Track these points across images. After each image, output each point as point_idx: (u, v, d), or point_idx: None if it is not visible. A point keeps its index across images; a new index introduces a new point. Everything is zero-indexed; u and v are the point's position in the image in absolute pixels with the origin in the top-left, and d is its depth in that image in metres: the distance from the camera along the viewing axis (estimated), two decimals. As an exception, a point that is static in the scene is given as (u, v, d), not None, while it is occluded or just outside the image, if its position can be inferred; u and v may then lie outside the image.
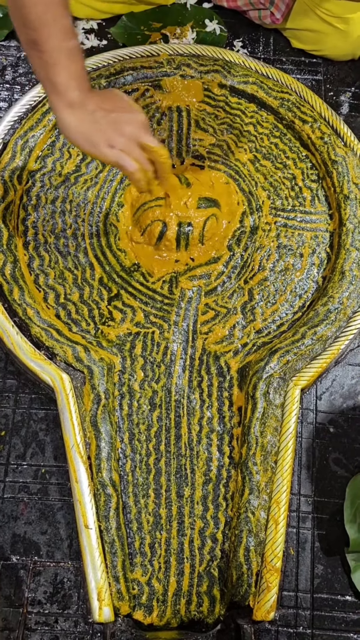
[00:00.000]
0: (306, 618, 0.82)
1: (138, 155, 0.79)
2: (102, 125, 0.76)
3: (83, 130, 0.76)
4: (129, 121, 0.78)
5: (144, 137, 0.79)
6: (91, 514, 0.79)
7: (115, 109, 0.78)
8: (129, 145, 0.78)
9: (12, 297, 0.91)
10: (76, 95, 0.74)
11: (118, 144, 0.77)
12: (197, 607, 0.79)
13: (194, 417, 0.89)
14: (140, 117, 0.79)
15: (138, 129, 0.79)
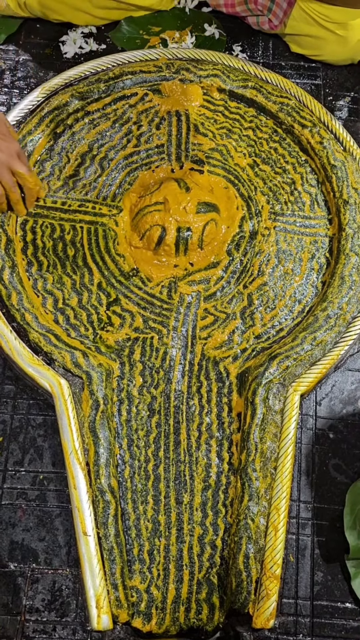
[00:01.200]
0: (306, 625, 0.82)
1: (8, 180, 0.90)
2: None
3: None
4: (4, 150, 0.89)
5: (14, 164, 0.90)
6: (90, 520, 0.79)
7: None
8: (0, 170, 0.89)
9: (10, 302, 0.91)
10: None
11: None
12: (196, 614, 0.79)
13: (193, 423, 0.88)
14: (14, 145, 0.91)
15: (9, 156, 0.89)
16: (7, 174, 0.90)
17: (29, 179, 0.93)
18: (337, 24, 1.10)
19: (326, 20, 1.10)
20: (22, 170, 0.91)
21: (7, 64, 1.17)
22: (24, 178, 0.92)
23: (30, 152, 1.01)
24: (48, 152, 1.05)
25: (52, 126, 1.04)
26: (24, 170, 0.91)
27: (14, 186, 0.92)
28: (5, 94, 1.14)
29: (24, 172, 0.91)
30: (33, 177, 0.94)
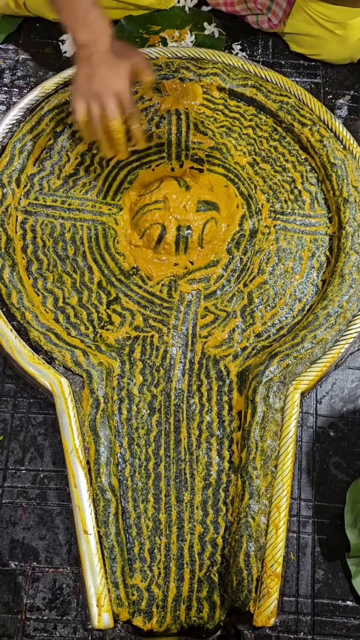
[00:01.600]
0: (307, 623, 0.82)
1: (94, 109, 0.87)
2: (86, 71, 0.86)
3: (77, 68, 0.88)
4: (104, 80, 0.86)
5: (106, 100, 0.86)
6: (90, 519, 0.79)
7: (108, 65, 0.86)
8: (90, 97, 0.86)
9: (10, 301, 0.91)
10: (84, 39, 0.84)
11: (83, 91, 0.87)
12: (197, 612, 0.79)
13: (193, 422, 0.88)
14: (118, 85, 0.86)
15: (104, 90, 0.86)
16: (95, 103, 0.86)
17: (111, 123, 0.87)
18: (336, 24, 1.10)
19: (325, 20, 1.10)
20: (107, 109, 0.86)
21: (6, 63, 1.17)
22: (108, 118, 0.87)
23: (30, 151, 1.01)
24: (48, 151, 1.05)
25: (52, 125, 1.04)
26: (108, 110, 0.87)
27: (95, 117, 0.88)
28: (5, 93, 1.14)
29: (108, 111, 0.87)
30: (116, 121, 0.87)
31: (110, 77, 0.86)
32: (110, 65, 0.86)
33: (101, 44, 0.85)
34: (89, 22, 0.84)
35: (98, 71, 0.86)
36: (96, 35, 0.85)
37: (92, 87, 0.86)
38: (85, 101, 0.87)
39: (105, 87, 0.86)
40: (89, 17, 0.84)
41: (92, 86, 0.86)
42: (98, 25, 0.85)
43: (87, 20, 0.84)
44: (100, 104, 0.87)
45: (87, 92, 0.87)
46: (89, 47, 0.85)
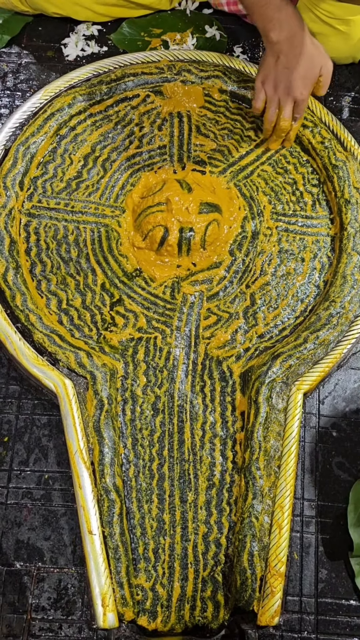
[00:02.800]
0: (310, 623, 0.82)
1: (270, 105, 0.97)
2: (276, 66, 0.92)
3: (264, 59, 0.94)
4: (289, 84, 0.93)
5: (286, 102, 0.95)
6: (95, 519, 0.79)
7: (296, 71, 0.91)
8: (272, 94, 0.96)
9: (14, 303, 0.91)
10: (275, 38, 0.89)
11: (267, 89, 0.96)
12: (202, 612, 0.79)
13: (197, 422, 0.89)
14: (301, 93, 0.94)
15: (287, 93, 0.94)
16: (274, 102, 0.96)
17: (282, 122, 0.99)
18: (339, 20, 1.10)
19: (329, 17, 1.10)
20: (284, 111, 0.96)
21: (9, 67, 1.17)
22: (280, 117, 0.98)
23: (33, 154, 1.02)
24: (51, 154, 1.05)
25: (55, 128, 1.04)
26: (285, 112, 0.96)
27: (271, 114, 0.98)
28: (8, 97, 1.14)
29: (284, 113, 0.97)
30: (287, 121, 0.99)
31: (295, 86, 0.92)
32: (300, 73, 0.91)
33: (293, 43, 0.89)
34: (281, 21, 0.88)
35: (286, 77, 0.92)
36: (289, 34, 0.89)
37: (277, 89, 0.94)
38: (265, 96, 0.97)
39: (288, 94, 0.94)
40: (280, 16, 0.88)
41: (278, 89, 0.94)
42: (290, 23, 0.88)
43: (279, 19, 0.88)
44: (278, 104, 0.96)
45: (270, 91, 0.95)
46: (280, 46, 0.89)
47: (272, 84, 0.94)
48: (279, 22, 0.88)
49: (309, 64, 0.92)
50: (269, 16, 0.88)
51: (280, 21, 0.88)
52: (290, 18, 0.88)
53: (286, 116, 0.97)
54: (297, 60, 0.90)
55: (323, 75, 0.94)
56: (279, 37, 0.89)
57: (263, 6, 0.88)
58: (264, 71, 0.94)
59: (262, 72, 0.95)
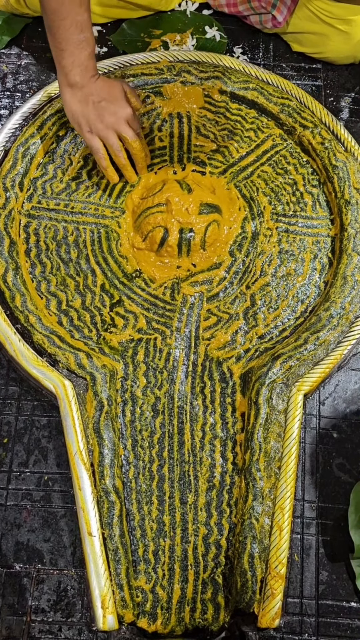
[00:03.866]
0: (311, 625, 0.82)
1: (112, 143, 0.94)
2: (89, 110, 0.91)
3: (74, 109, 0.91)
4: (112, 112, 0.92)
5: (121, 127, 0.93)
6: (94, 521, 0.79)
7: (107, 98, 0.92)
8: (106, 132, 0.93)
9: (14, 304, 0.91)
10: (78, 79, 0.89)
11: (96, 130, 0.92)
12: (202, 614, 0.79)
13: (197, 424, 0.88)
14: (125, 111, 0.93)
15: (117, 120, 0.92)
16: (113, 137, 0.93)
17: (133, 144, 0.95)
18: (340, 20, 1.10)
19: (329, 17, 1.10)
20: (127, 135, 0.94)
21: (9, 68, 1.17)
22: (128, 143, 0.95)
23: (33, 155, 1.02)
24: (51, 155, 1.05)
25: (55, 129, 1.04)
26: (128, 135, 0.94)
27: (120, 150, 0.95)
28: (7, 97, 1.14)
29: (129, 136, 0.94)
30: (137, 142, 0.96)
31: (115, 107, 0.92)
32: (109, 97, 0.92)
33: (96, 85, 0.91)
34: (86, 65, 0.88)
35: (105, 108, 0.91)
36: (92, 78, 0.90)
37: (104, 122, 0.92)
38: (100, 138, 0.93)
39: (116, 118, 0.92)
40: (87, 60, 0.88)
41: (104, 121, 0.91)
42: (93, 69, 0.90)
43: (85, 63, 0.88)
44: (117, 135, 0.94)
45: (100, 129, 0.92)
46: (84, 88, 0.90)
47: (99, 123, 0.92)
48: (84, 63, 0.88)
49: (114, 91, 0.93)
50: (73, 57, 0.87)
51: (84, 63, 0.88)
52: (93, 60, 0.90)
53: (132, 137, 0.95)
54: (105, 93, 0.92)
55: (126, 91, 0.96)
56: (83, 78, 0.89)
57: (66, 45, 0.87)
58: (82, 119, 0.92)
59: (81, 121, 0.92)
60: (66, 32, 0.85)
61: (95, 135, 0.93)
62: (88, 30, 0.87)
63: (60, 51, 0.87)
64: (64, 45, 0.87)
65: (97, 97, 0.91)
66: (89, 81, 0.90)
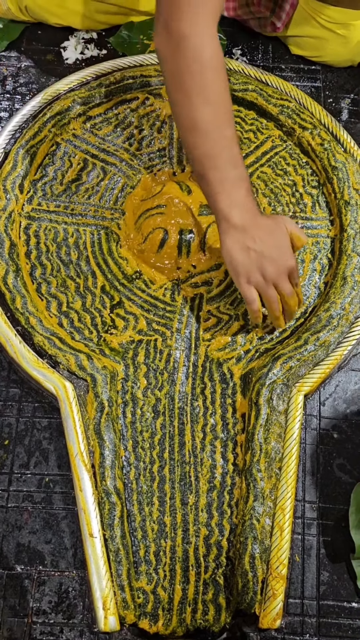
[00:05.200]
0: (312, 625, 0.82)
1: (269, 297, 0.84)
2: (249, 257, 0.80)
3: (234, 256, 0.81)
4: (274, 262, 0.81)
5: (280, 281, 0.83)
6: (95, 522, 0.79)
7: (270, 246, 0.81)
8: (265, 286, 0.83)
9: (14, 306, 0.91)
10: (238, 220, 0.79)
11: (255, 282, 0.82)
12: (203, 615, 0.79)
13: (197, 424, 0.89)
14: (287, 263, 0.82)
15: (278, 272, 0.82)
16: (272, 292, 0.84)
17: (289, 301, 0.86)
18: (338, 24, 1.10)
19: (328, 21, 1.10)
20: (285, 291, 0.84)
21: (9, 71, 1.18)
22: (284, 298, 0.85)
23: (33, 157, 1.02)
24: (51, 157, 1.05)
25: (55, 131, 1.04)
26: (286, 291, 0.84)
27: (276, 303, 0.86)
28: (8, 100, 1.15)
29: (286, 293, 0.84)
30: (294, 299, 0.86)
31: (280, 260, 0.82)
32: (273, 245, 0.81)
33: (257, 227, 0.80)
34: (245, 203, 0.79)
35: (266, 257, 0.81)
36: (252, 218, 0.80)
37: (266, 276, 0.82)
38: (259, 290, 0.84)
39: (279, 272, 0.82)
40: (244, 198, 0.79)
41: (266, 274, 0.82)
42: (253, 207, 0.80)
43: (243, 201, 0.79)
44: (278, 288, 0.84)
45: (261, 281, 0.82)
46: (245, 231, 0.80)
47: (259, 274, 0.82)
48: (242, 202, 0.79)
49: (277, 235, 0.82)
50: (231, 193, 0.78)
51: (242, 201, 0.79)
52: (251, 197, 0.81)
53: (289, 294, 0.85)
54: (267, 238, 0.81)
55: (291, 231, 0.84)
56: (243, 220, 0.79)
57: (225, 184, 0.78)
58: (242, 268, 0.81)
59: (240, 270, 0.82)
60: (220, 172, 0.77)
61: (253, 286, 0.83)
62: (241, 165, 0.80)
63: (215, 194, 0.79)
64: (219, 187, 0.78)
65: (260, 245, 0.80)
66: (250, 223, 0.80)
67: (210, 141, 0.77)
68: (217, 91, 0.76)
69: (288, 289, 0.84)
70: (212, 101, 0.76)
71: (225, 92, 0.78)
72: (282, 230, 0.83)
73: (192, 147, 0.79)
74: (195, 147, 0.78)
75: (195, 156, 0.79)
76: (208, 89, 0.75)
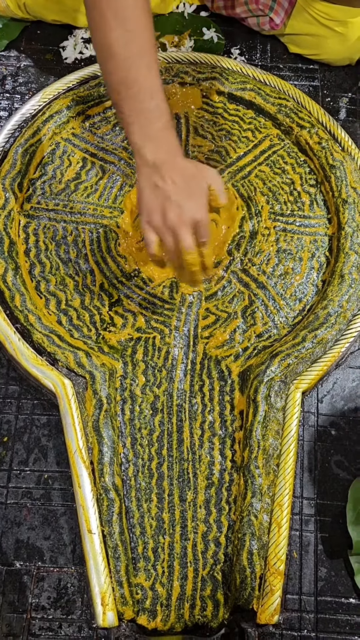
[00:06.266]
0: (310, 621, 0.82)
1: (165, 242, 0.77)
2: (155, 196, 0.75)
3: (141, 192, 0.77)
4: (178, 208, 0.75)
5: (181, 232, 0.75)
6: (94, 518, 0.79)
7: (179, 190, 0.75)
8: (163, 232, 0.76)
9: (13, 304, 0.92)
10: (150, 156, 0.74)
11: (154, 223, 0.76)
12: (201, 611, 0.79)
13: (195, 421, 0.89)
14: (195, 214, 0.75)
15: (180, 221, 0.75)
16: (169, 239, 0.76)
17: (187, 256, 0.77)
18: (337, 22, 1.11)
19: (326, 19, 1.11)
20: (184, 243, 0.75)
21: (8, 70, 1.18)
22: (183, 252, 0.76)
23: (32, 156, 1.02)
24: (50, 156, 1.06)
25: (54, 130, 1.05)
26: (184, 244, 0.75)
27: (171, 252, 0.78)
28: (7, 99, 1.15)
29: (185, 245, 0.75)
30: (193, 255, 0.77)
31: (186, 207, 0.74)
32: (185, 192, 0.75)
33: (173, 163, 0.75)
34: (160, 138, 0.74)
35: (172, 201, 0.74)
36: (168, 155, 0.74)
37: (166, 220, 0.75)
38: (157, 233, 0.77)
39: (181, 220, 0.74)
40: (160, 132, 0.74)
41: (167, 219, 0.75)
42: (170, 144, 0.75)
43: (158, 135, 0.74)
44: (176, 238, 0.76)
45: (160, 225, 0.76)
46: (158, 169, 0.74)
47: (160, 217, 0.75)
48: (159, 138, 0.73)
49: (194, 182, 0.76)
50: (149, 129, 0.73)
51: (159, 138, 0.73)
52: (169, 132, 0.74)
53: (187, 247, 0.75)
54: (180, 180, 0.74)
55: (214, 191, 0.78)
56: (156, 155, 0.74)
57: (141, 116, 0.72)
58: (145, 207, 0.76)
59: (144, 208, 0.77)
60: (135, 102, 0.73)
61: (153, 229, 0.77)
62: (160, 97, 0.74)
63: (129, 125, 0.74)
64: (133, 118, 0.74)
65: (169, 187, 0.74)
66: (164, 160, 0.74)
67: (126, 67, 0.72)
68: (135, 14, 0.71)
69: (186, 241, 0.75)
70: (129, 25, 0.71)
71: (144, 17, 0.72)
72: (201, 180, 0.76)
73: (107, 73, 0.73)
74: (110, 73, 0.73)
75: (110, 83, 0.74)
76: (126, 11, 0.70)
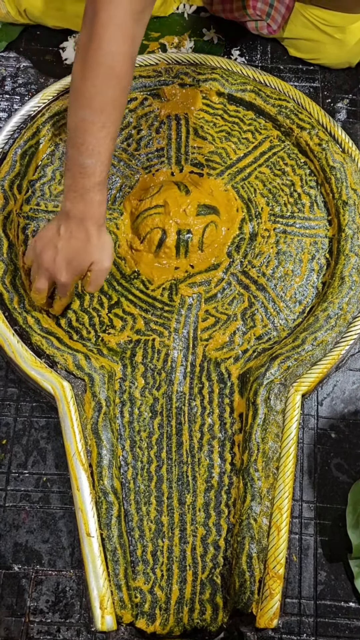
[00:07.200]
0: (310, 625, 0.82)
1: (32, 272, 0.88)
2: (51, 236, 0.82)
3: (46, 224, 0.86)
4: (49, 259, 0.82)
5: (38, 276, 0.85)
6: (93, 522, 0.79)
7: (66, 247, 0.81)
8: (41, 274, 0.84)
9: (12, 306, 0.91)
10: (67, 206, 0.80)
11: (37, 248, 0.84)
12: (200, 615, 0.79)
13: (195, 424, 0.89)
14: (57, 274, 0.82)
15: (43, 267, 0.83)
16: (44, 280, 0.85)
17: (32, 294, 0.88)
18: (335, 28, 1.11)
19: (324, 24, 1.11)
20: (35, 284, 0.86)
21: (8, 71, 1.18)
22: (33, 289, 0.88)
23: (31, 157, 1.02)
24: (49, 157, 1.05)
25: (53, 131, 1.05)
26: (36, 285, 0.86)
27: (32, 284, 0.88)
28: (6, 101, 1.15)
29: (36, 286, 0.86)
30: (39, 296, 0.88)
31: (58, 263, 0.82)
32: (70, 254, 0.81)
33: (81, 225, 0.80)
34: (82, 195, 0.79)
35: (56, 249, 0.81)
36: (81, 214, 0.80)
37: (42, 257, 0.83)
38: (30, 261, 0.88)
39: (48, 266, 0.83)
40: (85, 191, 0.79)
41: (42, 256, 0.83)
42: (88, 205, 0.79)
43: (82, 192, 0.79)
44: (34, 274, 0.86)
45: (36, 258, 0.85)
46: (67, 219, 0.80)
47: (40, 249, 0.83)
48: (80, 192, 0.78)
49: (82, 253, 0.81)
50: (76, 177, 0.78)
51: (81, 192, 0.78)
52: (94, 194, 0.79)
53: (36, 289, 0.86)
54: (75, 242, 0.80)
55: (93, 272, 0.83)
56: (71, 207, 0.79)
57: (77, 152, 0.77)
58: (43, 233, 0.84)
59: (42, 233, 0.84)
60: (76, 151, 0.77)
61: (32, 255, 0.87)
62: (100, 159, 0.77)
63: (65, 169, 0.80)
64: (70, 164, 0.78)
65: (64, 238, 0.81)
66: (74, 216, 0.80)
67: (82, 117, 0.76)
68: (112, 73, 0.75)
69: (39, 283, 0.85)
70: (98, 80, 0.75)
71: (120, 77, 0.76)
72: (86, 256, 0.82)
73: (70, 109, 0.78)
74: (70, 113, 0.78)
75: (68, 121, 0.79)
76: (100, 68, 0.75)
